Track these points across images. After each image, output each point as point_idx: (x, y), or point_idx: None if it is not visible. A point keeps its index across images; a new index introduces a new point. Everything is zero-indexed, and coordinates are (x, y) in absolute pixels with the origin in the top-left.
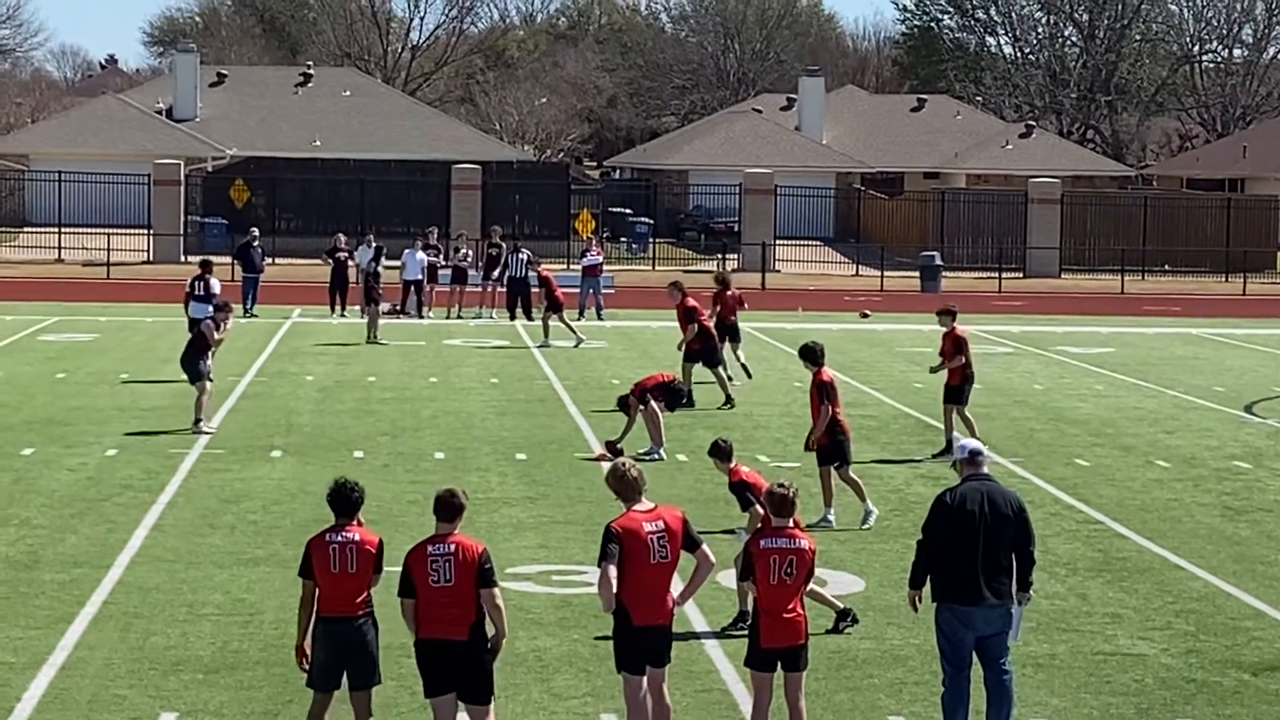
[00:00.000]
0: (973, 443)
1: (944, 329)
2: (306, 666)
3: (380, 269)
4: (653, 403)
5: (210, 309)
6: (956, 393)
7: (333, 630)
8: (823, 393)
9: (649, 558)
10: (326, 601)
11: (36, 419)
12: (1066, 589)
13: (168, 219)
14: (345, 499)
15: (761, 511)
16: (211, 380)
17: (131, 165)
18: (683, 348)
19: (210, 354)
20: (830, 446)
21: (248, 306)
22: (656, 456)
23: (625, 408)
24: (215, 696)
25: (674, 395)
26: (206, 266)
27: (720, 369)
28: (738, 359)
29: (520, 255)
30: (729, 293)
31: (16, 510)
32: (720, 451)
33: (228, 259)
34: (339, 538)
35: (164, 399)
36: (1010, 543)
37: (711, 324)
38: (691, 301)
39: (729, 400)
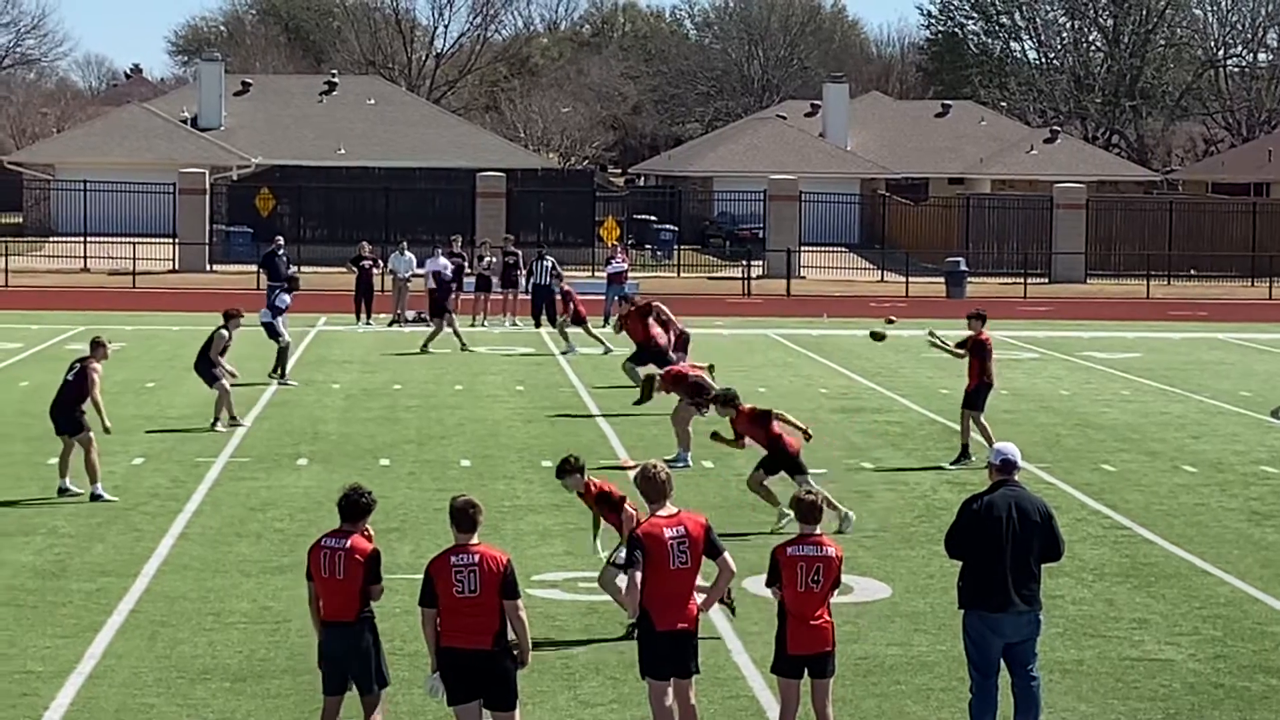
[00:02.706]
0: (1009, 450)
1: (971, 332)
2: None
3: (447, 275)
4: (682, 407)
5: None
6: (974, 398)
7: (330, 634)
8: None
9: (669, 563)
10: (324, 606)
11: None
12: (1093, 594)
13: (193, 228)
14: (354, 505)
15: (633, 514)
16: (229, 377)
17: (157, 174)
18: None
19: (217, 360)
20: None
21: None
22: (682, 464)
23: (648, 383)
24: (242, 705)
25: (698, 391)
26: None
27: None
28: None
29: (545, 262)
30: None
31: (44, 519)
32: (569, 468)
33: (253, 267)
34: (333, 543)
35: (190, 408)
36: (1039, 549)
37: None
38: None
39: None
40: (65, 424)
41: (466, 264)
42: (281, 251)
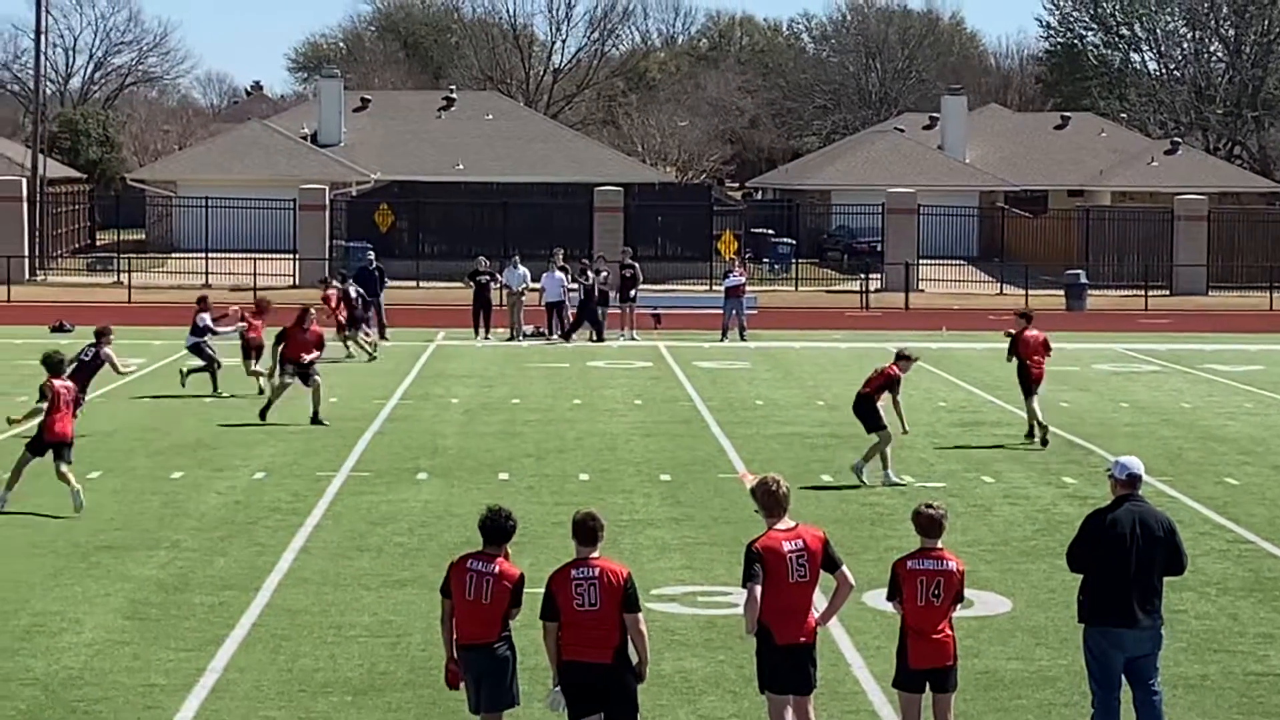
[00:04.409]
0: (1134, 463)
1: (1016, 329)
2: (455, 684)
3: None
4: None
5: (198, 339)
6: (1025, 386)
7: (466, 656)
8: None
9: (788, 576)
10: (461, 626)
11: (185, 443)
12: (1217, 609)
13: (313, 243)
14: (499, 528)
15: None
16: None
17: (277, 190)
18: None
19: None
20: None
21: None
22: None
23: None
24: (363, 718)
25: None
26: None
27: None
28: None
29: (601, 274)
30: None
31: (167, 533)
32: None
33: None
34: (480, 566)
35: (310, 423)
36: (1162, 564)
37: None
38: None
39: None
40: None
41: (571, 278)
42: (374, 266)
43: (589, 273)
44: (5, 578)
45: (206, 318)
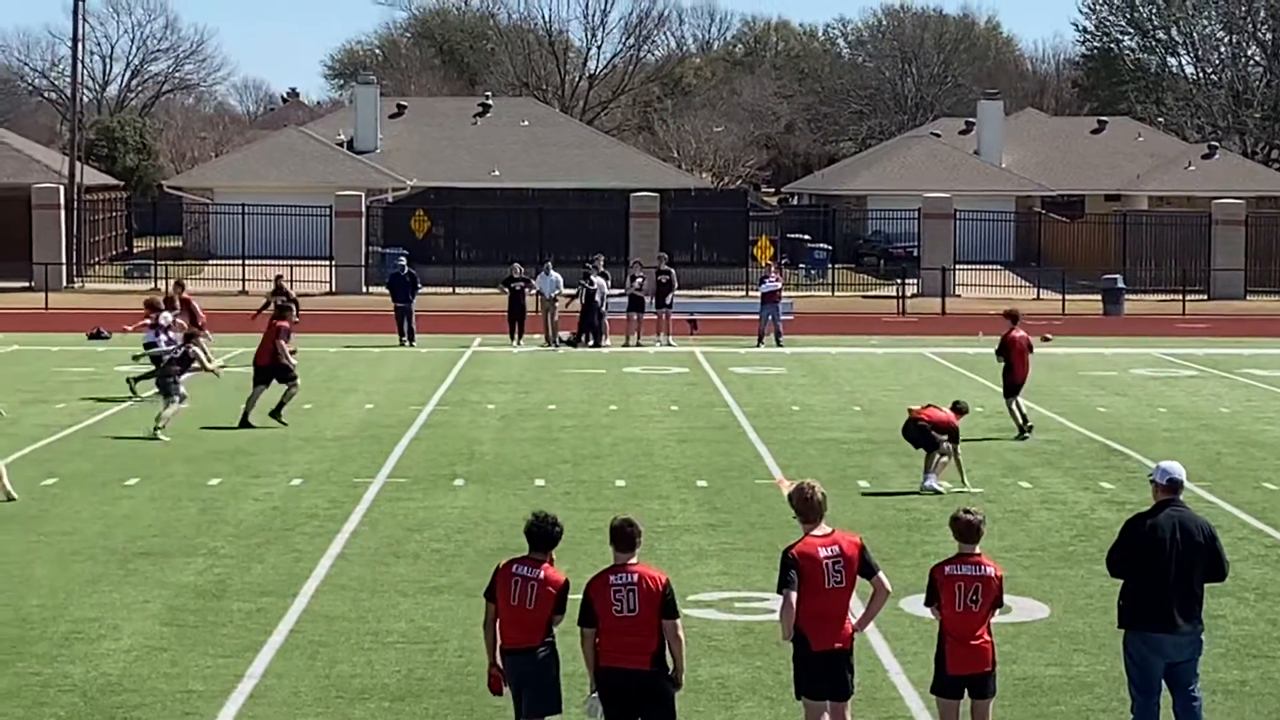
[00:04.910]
0: (1175, 469)
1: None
2: (497, 689)
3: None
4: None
5: (159, 337)
6: (1009, 387)
7: (509, 660)
8: None
9: (824, 583)
10: (505, 631)
11: (223, 449)
12: (1256, 614)
13: (349, 250)
14: (545, 533)
15: None
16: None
17: (313, 197)
18: None
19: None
20: None
21: (403, 337)
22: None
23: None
24: None
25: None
26: (158, 305)
27: None
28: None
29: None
30: None
31: (204, 540)
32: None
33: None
34: (525, 571)
35: (347, 429)
36: (1203, 569)
37: None
38: None
39: None
40: None
41: (610, 283)
42: (405, 273)
43: (592, 277)
44: (44, 584)
45: (167, 317)
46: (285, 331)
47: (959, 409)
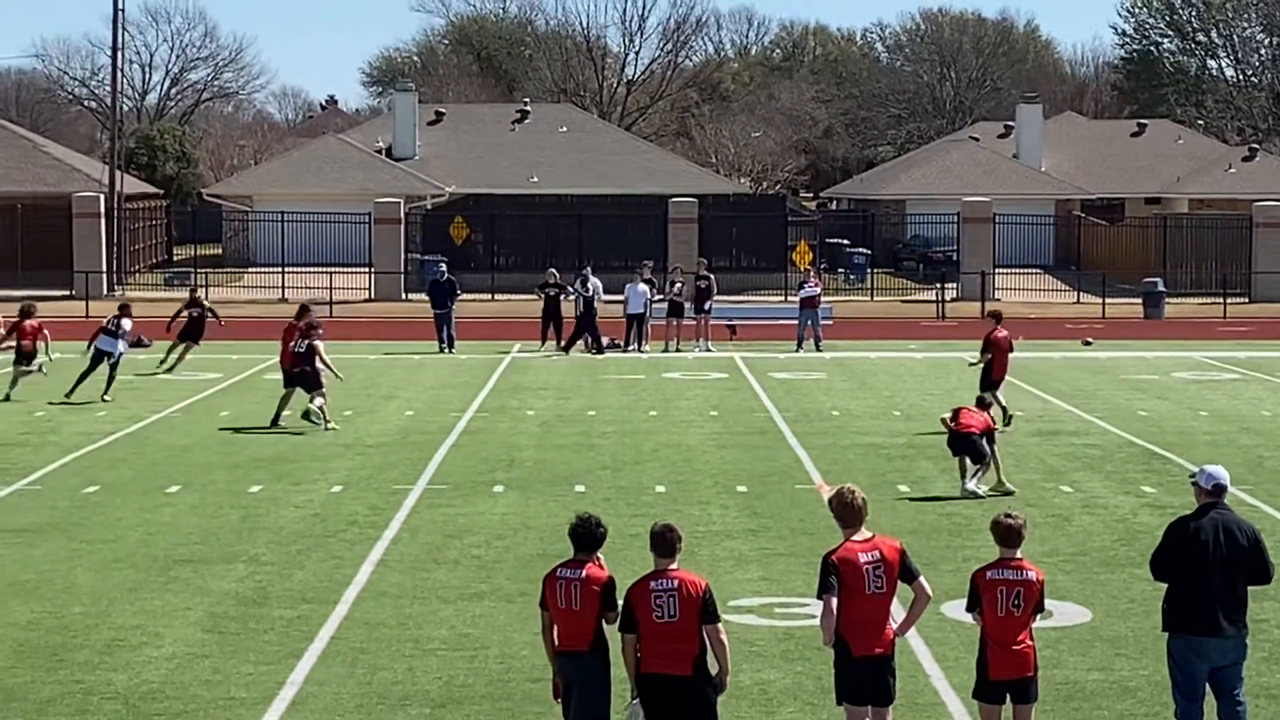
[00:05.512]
0: (1219, 473)
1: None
2: (559, 695)
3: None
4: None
5: (117, 344)
6: (987, 383)
7: (560, 661)
8: None
9: (865, 588)
10: (558, 634)
11: (263, 456)
12: None
13: (388, 257)
14: (589, 535)
15: None
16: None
17: (352, 204)
18: None
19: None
20: None
21: (442, 344)
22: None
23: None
24: None
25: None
26: (125, 309)
27: None
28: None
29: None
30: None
31: (245, 547)
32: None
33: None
34: (568, 573)
35: (387, 436)
36: (1247, 573)
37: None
38: None
39: None
40: None
41: (657, 289)
42: (444, 279)
43: (587, 283)
44: (86, 592)
45: (126, 324)
46: (300, 330)
47: (983, 404)
